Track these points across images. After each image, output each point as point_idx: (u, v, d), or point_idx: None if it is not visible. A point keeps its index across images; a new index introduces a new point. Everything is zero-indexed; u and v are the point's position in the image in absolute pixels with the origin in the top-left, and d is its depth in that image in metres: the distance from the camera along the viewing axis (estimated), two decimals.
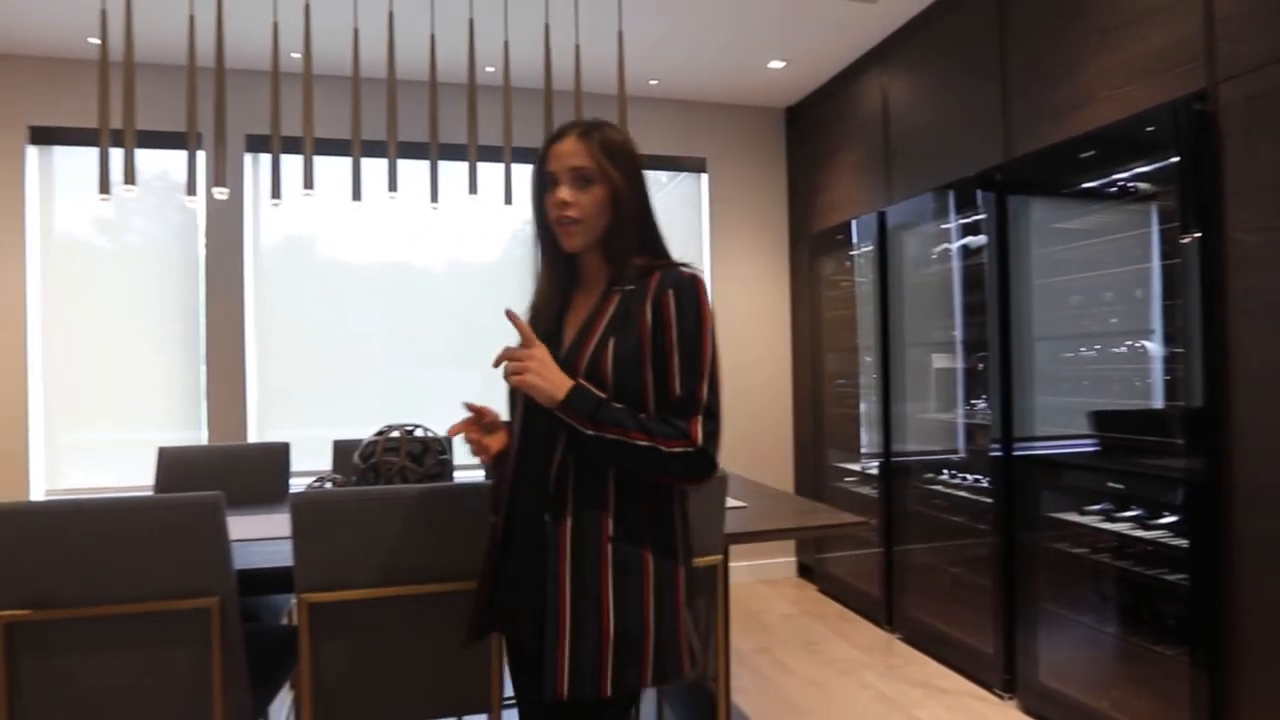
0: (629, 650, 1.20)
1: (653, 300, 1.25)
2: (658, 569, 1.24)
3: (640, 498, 1.25)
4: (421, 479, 2.15)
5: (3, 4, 3.14)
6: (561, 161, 1.29)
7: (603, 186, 1.28)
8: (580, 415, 1.20)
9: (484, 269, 4.18)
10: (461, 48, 3.42)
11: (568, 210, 1.27)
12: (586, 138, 1.29)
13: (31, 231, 3.68)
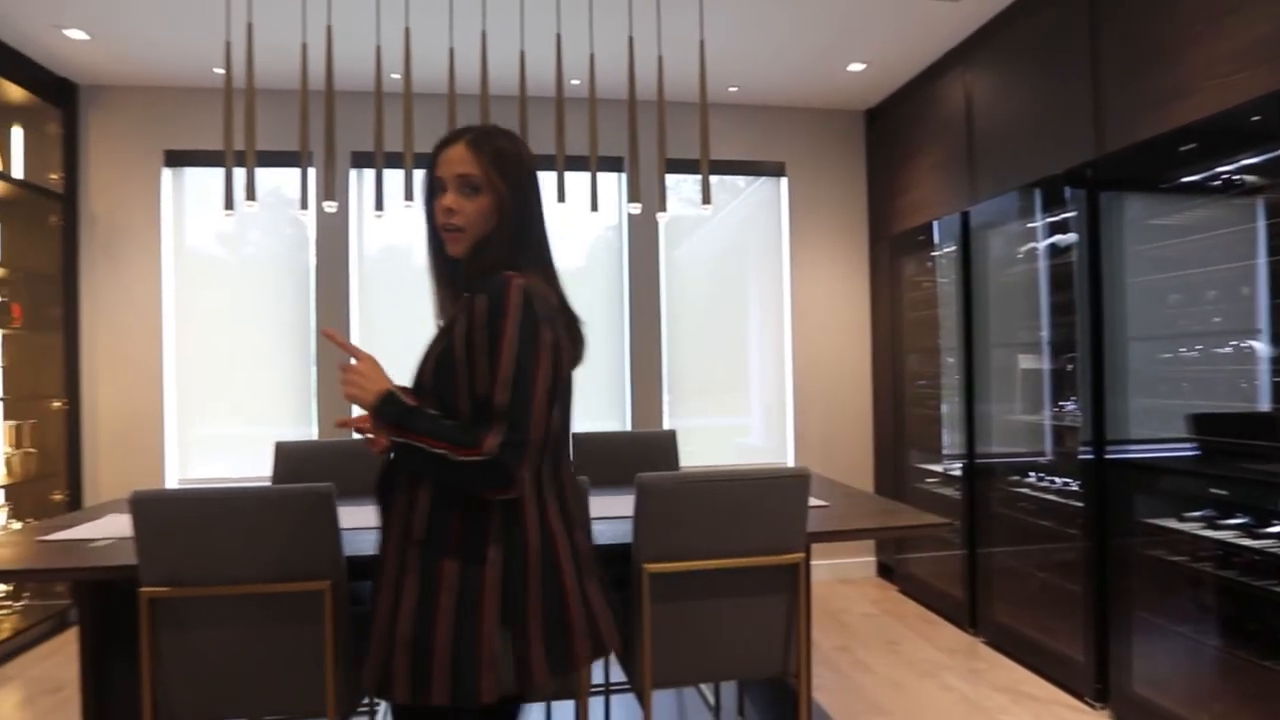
0: (420, 661, 1.13)
1: (469, 309, 1.19)
2: (462, 579, 1.15)
3: (452, 504, 1.18)
4: None
5: (141, 42, 3.38)
6: (450, 168, 1.24)
7: (489, 196, 1.24)
8: (386, 422, 1.18)
9: (567, 274, 4.22)
10: (549, 63, 3.48)
11: (452, 218, 1.24)
12: (476, 146, 1.24)
13: (166, 246, 3.96)
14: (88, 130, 3.91)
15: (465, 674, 1.12)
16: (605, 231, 4.30)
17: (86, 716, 2.05)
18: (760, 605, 1.94)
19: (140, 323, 3.90)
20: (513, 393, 1.14)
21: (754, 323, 4.49)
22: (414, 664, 1.13)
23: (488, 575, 1.16)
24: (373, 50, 3.33)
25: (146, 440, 3.91)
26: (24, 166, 3.73)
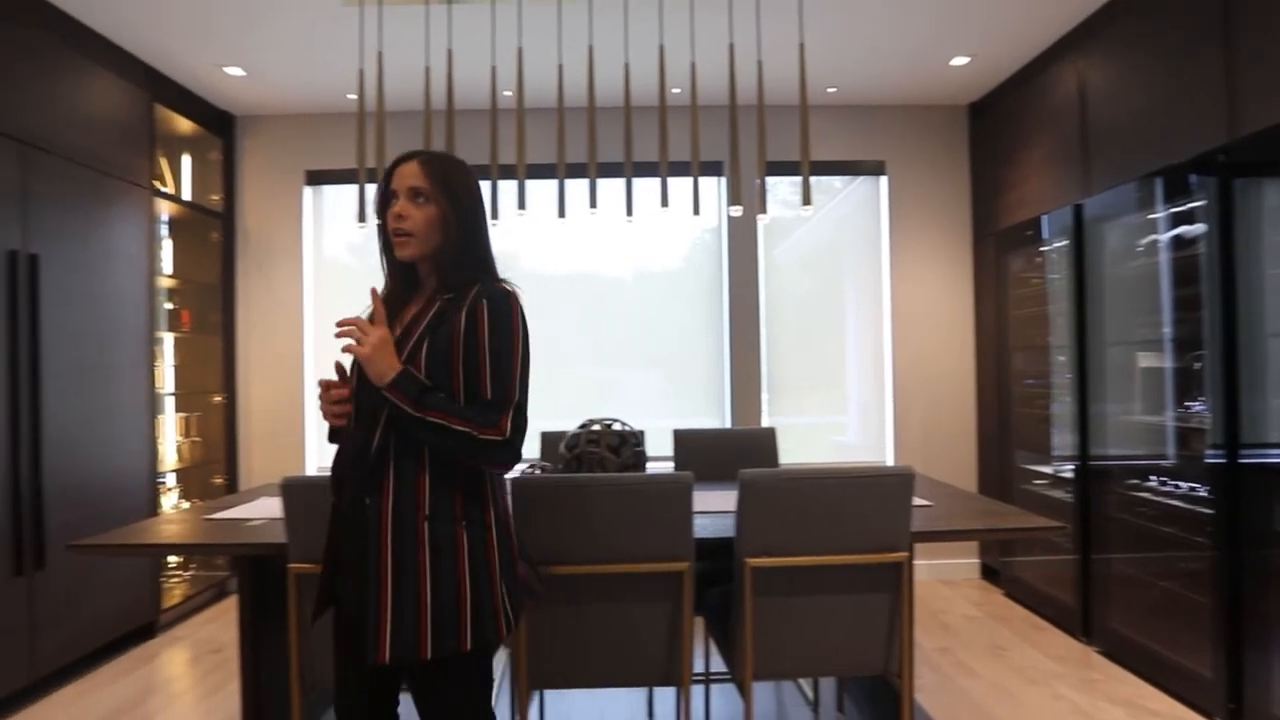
0: (446, 620, 1.25)
1: (468, 308, 1.32)
2: (471, 545, 1.29)
3: (452, 479, 1.30)
4: (619, 468, 2.22)
5: (286, 76, 3.63)
6: (402, 181, 1.35)
7: (435, 206, 1.34)
8: (407, 396, 1.25)
9: (668, 276, 4.26)
10: (653, 73, 3.51)
11: (403, 223, 1.33)
12: (427, 165, 1.36)
13: (307, 256, 4.24)
14: (242, 155, 4.24)
15: (485, 623, 1.28)
16: (703, 235, 4.28)
17: (244, 675, 2.22)
18: (862, 603, 1.88)
19: (286, 325, 4.19)
20: (519, 388, 1.34)
21: (851, 321, 4.36)
22: (437, 622, 1.24)
23: (489, 539, 1.32)
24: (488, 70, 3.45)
25: (290, 431, 4.20)
26: (191, 189, 4.09)
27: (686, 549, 1.81)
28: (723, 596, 2.15)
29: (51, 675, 2.92)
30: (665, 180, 2.54)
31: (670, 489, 1.78)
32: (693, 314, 4.25)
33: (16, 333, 2.72)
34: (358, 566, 1.30)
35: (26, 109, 2.81)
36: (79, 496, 3.01)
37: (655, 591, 1.83)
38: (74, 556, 2.95)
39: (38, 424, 2.80)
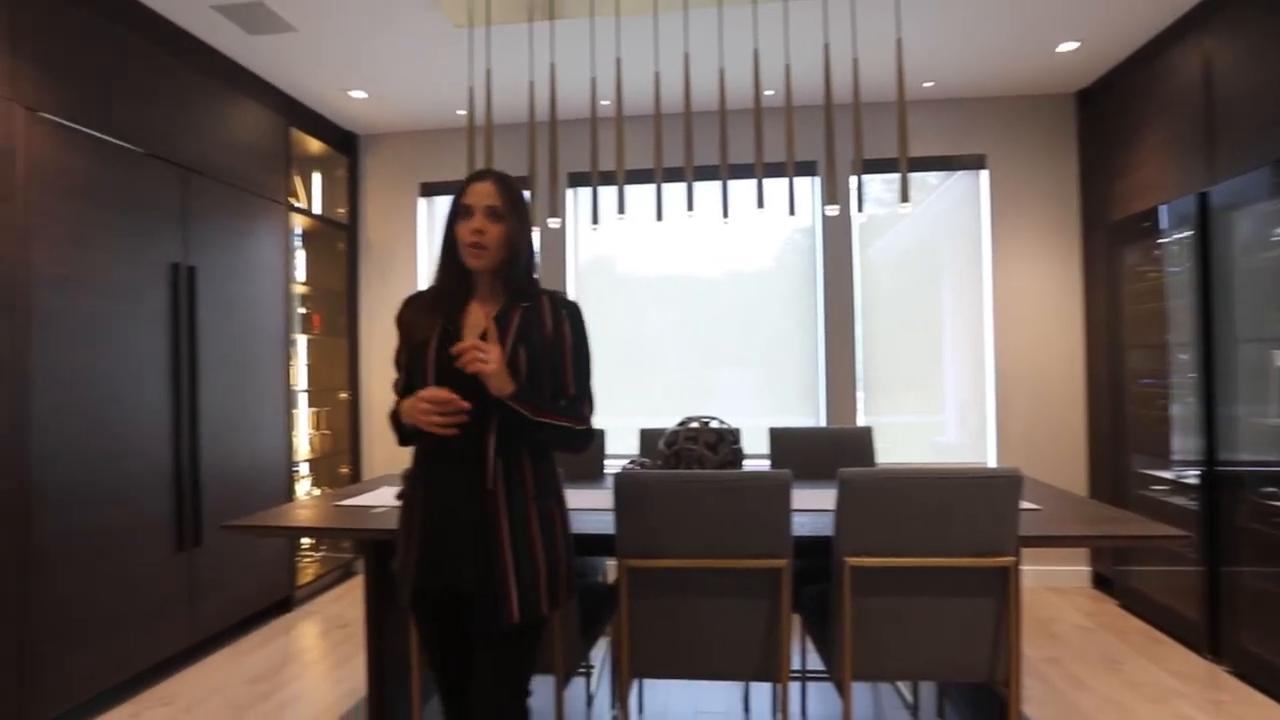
0: (554, 580, 1.45)
1: (552, 319, 1.50)
2: (563, 519, 1.52)
3: (546, 464, 1.50)
4: (717, 466, 2.21)
5: (403, 96, 3.82)
6: (480, 198, 1.46)
7: (506, 225, 1.46)
8: (527, 404, 1.41)
9: (760, 276, 4.21)
10: (746, 77, 3.47)
11: (481, 237, 1.44)
12: (502, 184, 1.48)
13: (421, 263, 4.44)
14: (365, 171, 4.49)
15: (572, 582, 1.52)
16: (795, 235, 4.20)
17: (369, 649, 2.35)
18: (966, 607, 1.80)
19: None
20: (590, 383, 1.54)
21: (949, 319, 4.17)
22: (551, 583, 1.45)
23: (567, 514, 1.54)
24: (588, 82, 3.52)
25: None
26: (320, 204, 4.37)
27: (785, 546, 1.78)
28: (820, 595, 2.11)
29: (207, 639, 3.20)
30: (761, 182, 2.51)
31: (769, 486, 1.76)
32: (786, 313, 4.18)
33: (178, 335, 2.99)
34: (475, 544, 1.42)
35: (188, 138, 3.08)
36: (228, 482, 3.28)
37: (753, 587, 1.81)
38: (224, 535, 3.22)
39: (195, 417, 3.07)
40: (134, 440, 2.76)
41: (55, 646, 2.42)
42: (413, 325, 1.51)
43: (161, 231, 2.92)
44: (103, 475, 2.62)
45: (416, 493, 1.49)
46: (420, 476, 1.49)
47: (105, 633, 2.62)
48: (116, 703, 2.68)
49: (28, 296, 2.35)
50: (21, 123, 2.36)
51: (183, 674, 2.94)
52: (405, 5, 2.87)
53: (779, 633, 1.82)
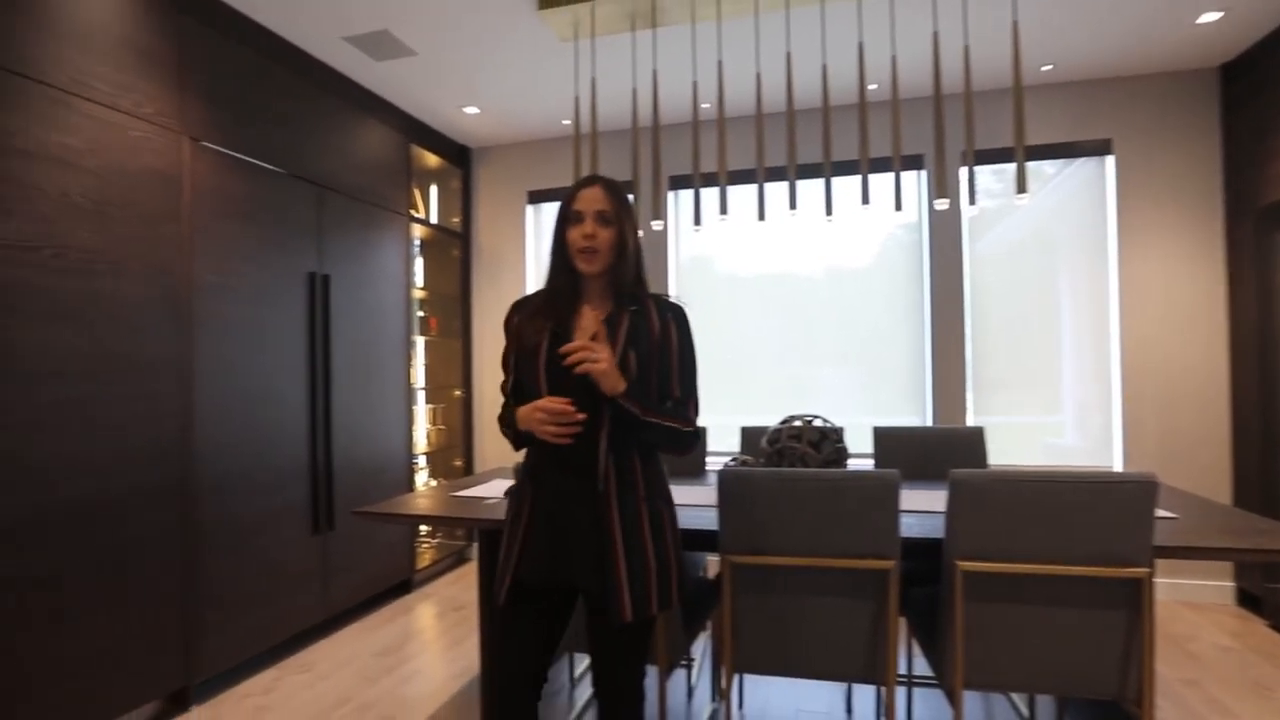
0: (664, 581, 1.45)
1: (659, 322, 1.50)
2: (672, 519, 1.51)
3: (653, 467, 1.50)
4: (820, 464, 2.16)
5: (511, 110, 3.96)
6: (590, 204, 1.47)
7: (616, 229, 1.48)
8: (637, 404, 1.41)
9: (861, 273, 4.07)
10: (848, 73, 3.37)
11: (593, 241, 1.46)
12: (610, 189, 1.49)
13: (529, 267, 4.58)
14: (476, 182, 4.69)
15: (681, 583, 1.50)
16: (897, 230, 4.03)
17: (483, 631, 2.45)
18: (1092, 619, 1.67)
19: None
20: (695, 386, 1.54)
21: (1067, 315, 3.88)
22: (661, 583, 1.45)
23: (676, 515, 1.54)
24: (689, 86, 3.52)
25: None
26: (437, 214, 4.59)
27: (892, 547, 1.72)
28: (928, 598, 2.02)
29: (338, 615, 3.43)
30: (866, 178, 2.43)
31: (876, 486, 1.70)
32: (889, 310, 4.02)
33: (314, 338, 3.22)
34: (589, 545, 1.43)
35: (322, 158, 3.32)
36: (356, 473, 3.51)
37: (858, 588, 1.76)
38: (354, 521, 3.44)
39: (329, 413, 3.31)
40: (277, 433, 3.01)
41: (214, 614, 2.67)
42: (523, 329, 1.51)
43: (300, 244, 3.16)
44: (251, 465, 2.86)
45: (525, 491, 1.50)
46: (530, 476, 1.51)
47: (252, 605, 2.86)
48: (262, 667, 2.92)
49: (190, 304, 2.60)
50: (188, 152, 2.61)
51: (318, 645, 3.17)
52: (514, 25, 2.97)
53: (885, 635, 1.75)
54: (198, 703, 2.61)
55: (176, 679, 2.51)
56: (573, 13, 2.80)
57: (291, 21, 2.95)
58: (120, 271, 2.35)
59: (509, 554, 1.49)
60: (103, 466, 2.27)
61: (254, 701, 2.62)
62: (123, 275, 2.36)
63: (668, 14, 2.81)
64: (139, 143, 2.43)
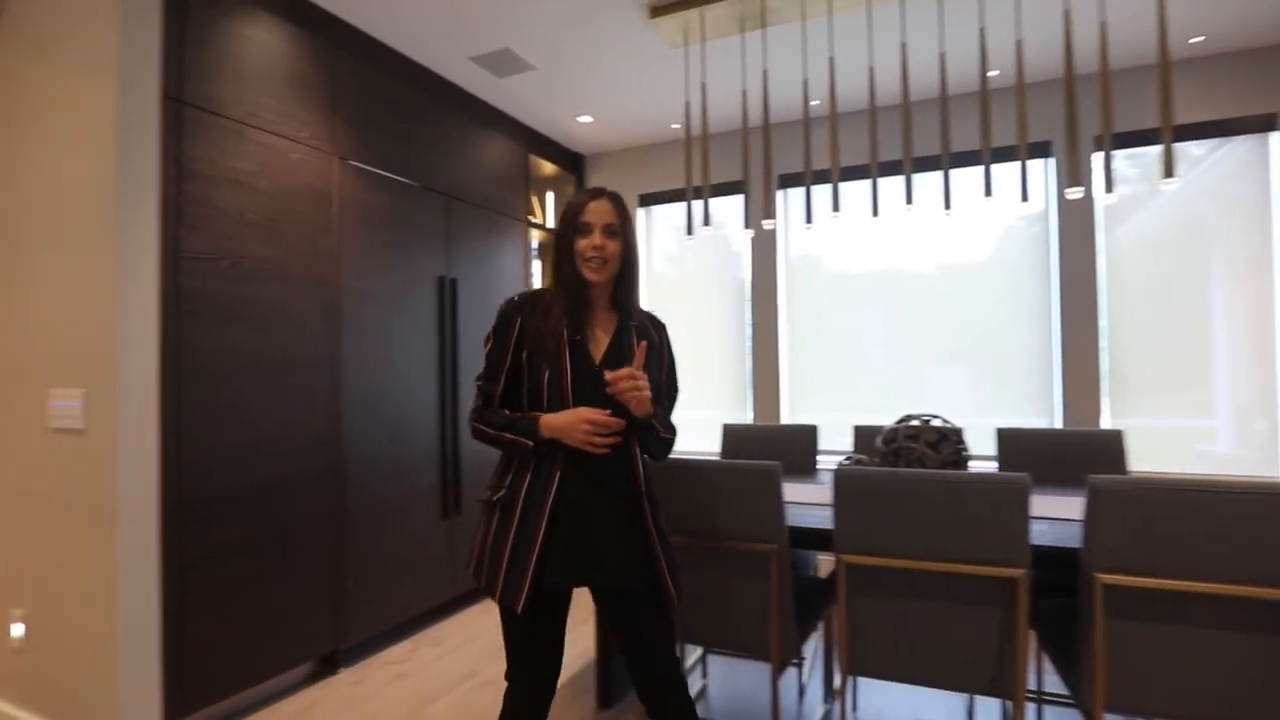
0: (675, 569, 1.57)
1: (657, 336, 1.63)
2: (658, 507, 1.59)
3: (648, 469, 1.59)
4: (939, 465, 2.06)
5: (623, 117, 4.02)
6: (599, 217, 1.53)
7: (621, 241, 1.54)
8: (660, 422, 1.55)
9: (977, 268, 3.82)
10: (967, 60, 3.19)
11: (602, 252, 1.51)
12: (616, 203, 1.55)
13: (643, 269, 4.64)
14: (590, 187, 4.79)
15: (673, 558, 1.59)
16: (1018, 222, 3.75)
17: (599, 615, 2.50)
18: (1263, 647, 1.49)
19: None
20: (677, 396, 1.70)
21: (1220, 310, 3.47)
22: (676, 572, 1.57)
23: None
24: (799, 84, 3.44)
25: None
26: (553, 219, 4.74)
27: (1022, 555, 1.61)
28: (1060, 611, 1.88)
29: (463, 595, 3.62)
30: (988, 169, 2.29)
31: (1005, 490, 1.60)
32: (1009, 306, 3.75)
33: (443, 337, 3.42)
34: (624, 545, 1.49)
35: (448, 170, 3.51)
36: (479, 462, 3.68)
37: (984, 596, 1.66)
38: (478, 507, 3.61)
39: (456, 406, 3.49)
40: (411, 425, 3.21)
41: (357, 588, 2.89)
42: (541, 333, 1.50)
43: (430, 250, 3.35)
44: (388, 453, 3.07)
45: (536, 497, 1.46)
46: (544, 485, 1.47)
47: (390, 581, 3.07)
48: (398, 639, 3.13)
49: (339, 307, 2.82)
50: (337, 171, 2.84)
51: (446, 621, 3.36)
52: (626, 35, 3.02)
53: (1013, 647, 1.64)
54: (345, 665, 2.83)
55: (327, 643, 2.74)
56: (682, 19, 2.81)
57: (424, 46, 3.14)
58: (284, 279, 2.59)
59: (522, 560, 1.44)
60: (272, 453, 2.52)
61: (393, 669, 2.82)
62: (287, 282, 2.59)
63: (778, 13, 2.76)
64: (299, 164, 2.66)
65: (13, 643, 2.25)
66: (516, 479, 1.50)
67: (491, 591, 1.47)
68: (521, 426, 1.48)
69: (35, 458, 2.21)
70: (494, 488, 1.54)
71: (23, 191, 2.28)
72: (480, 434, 1.52)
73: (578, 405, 1.47)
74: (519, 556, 1.45)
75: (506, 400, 1.55)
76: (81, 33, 2.11)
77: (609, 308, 1.59)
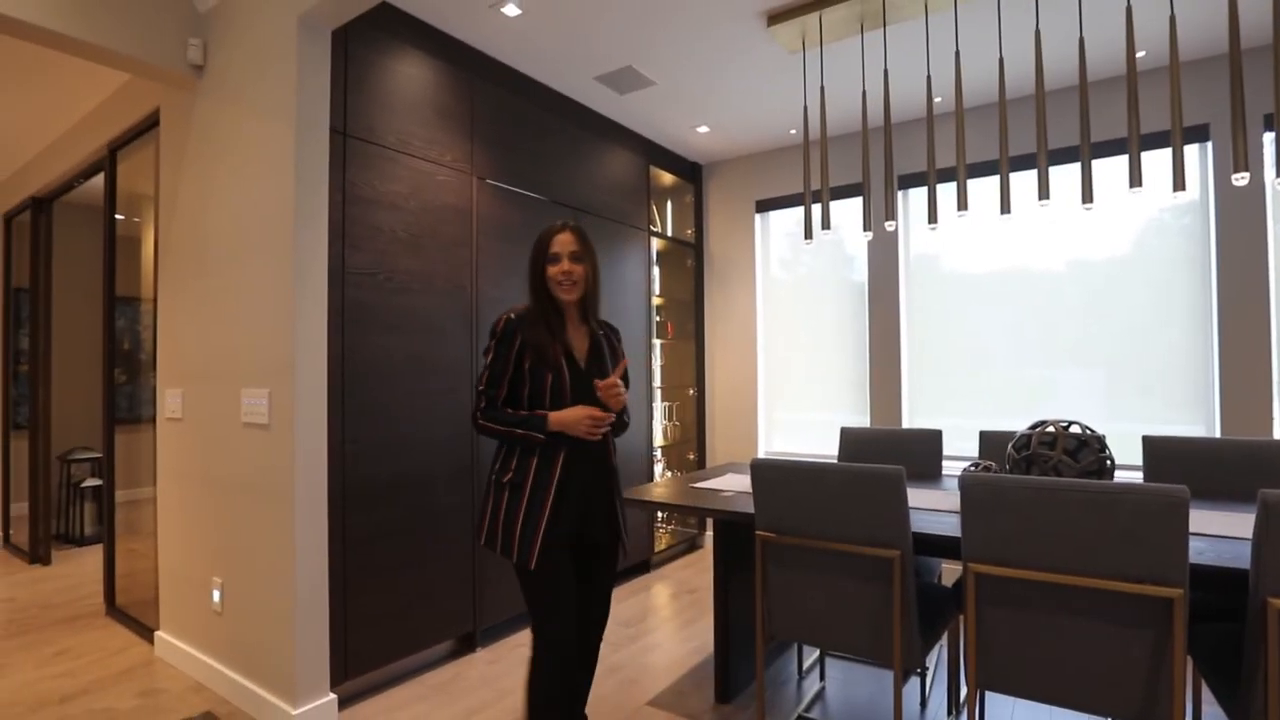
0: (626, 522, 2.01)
1: (617, 341, 1.97)
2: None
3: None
4: (1078, 474, 1.88)
5: (739, 126, 3.99)
6: (564, 246, 1.81)
7: (586, 265, 1.82)
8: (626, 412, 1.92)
9: (1112, 265, 3.45)
10: (1109, 43, 2.90)
11: (572, 275, 1.80)
12: (578, 234, 1.83)
13: (759, 273, 4.59)
14: (707, 196, 4.80)
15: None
16: (1163, 214, 3.34)
17: (717, 613, 2.50)
18: None
19: (740, 331, 4.61)
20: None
21: None
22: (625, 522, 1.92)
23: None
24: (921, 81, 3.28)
25: (744, 417, 4.60)
26: (671, 227, 4.78)
27: (1179, 574, 1.44)
28: (1222, 637, 1.67)
29: None
30: (1136, 157, 2.07)
31: (1160, 502, 1.44)
32: (1153, 306, 3.34)
33: None
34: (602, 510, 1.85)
35: (574, 183, 3.64)
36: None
37: (1133, 615, 1.50)
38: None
39: None
40: None
41: (491, 572, 3.04)
42: (541, 345, 1.77)
43: None
44: None
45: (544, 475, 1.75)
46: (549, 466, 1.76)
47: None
48: (523, 625, 3.27)
49: (476, 314, 2.99)
50: (475, 189, 3.02)
51: None
52: (744, 45, 3.00)
53: (1168, 673, 1.47)
54: (481, 645, 3.00)
55: (467, 623, 2.91)
56: (800, 24, 2.75)
57: (552, 69, 3.27)
58: (430, 290, 2.78)
59: (533, 525, 1.72)
60: (418, 448, 2.71)
61: (522, 652, 2.95)
62: (432, 293, 2.79)
63: (900, 10, 2.64)
64: (443, 185, 2.86)
65: (214, 606, 2.56)
66: (523, 463, 1.77)
67: (508, 553, 1.73)
68: (532, 423, 1.75)
69: (231, 448, 2.51)
70: (503, 470, 1.79)
71: (214, 219, 2.60)
72: (489, 430, 1.77)
73: (574, 404, 1.78)
74: (530, 522, 1.72)
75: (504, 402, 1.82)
76: (266, 82, 2.37)
77: (580, 321, 1.87)
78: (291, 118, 2.26)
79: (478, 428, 1.79)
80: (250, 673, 2.41)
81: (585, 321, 1.88)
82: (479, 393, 1.81)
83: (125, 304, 3.47)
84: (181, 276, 2.79)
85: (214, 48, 2.61)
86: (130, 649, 2.98)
